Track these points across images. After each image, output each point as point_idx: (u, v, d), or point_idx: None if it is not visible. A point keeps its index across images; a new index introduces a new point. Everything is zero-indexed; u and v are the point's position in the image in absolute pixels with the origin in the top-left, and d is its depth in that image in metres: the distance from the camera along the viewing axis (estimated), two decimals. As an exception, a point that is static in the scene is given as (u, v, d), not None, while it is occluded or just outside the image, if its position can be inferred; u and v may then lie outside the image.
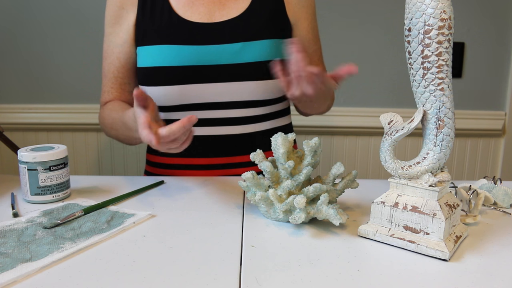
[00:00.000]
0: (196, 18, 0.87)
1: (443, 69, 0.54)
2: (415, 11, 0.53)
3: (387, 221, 0.59)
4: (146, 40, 0.88)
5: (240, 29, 0.87)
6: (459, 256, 0.56)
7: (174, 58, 0.85)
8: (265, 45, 0.87)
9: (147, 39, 0.87)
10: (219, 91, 0.87)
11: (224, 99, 0.88)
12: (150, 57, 0.86)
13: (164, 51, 0.85)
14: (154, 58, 0.86)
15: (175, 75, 0.85)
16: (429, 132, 0.57)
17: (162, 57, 0.85)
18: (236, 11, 0.88)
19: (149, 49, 0.87)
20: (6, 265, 0.51)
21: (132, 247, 0.57)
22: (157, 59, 0.86)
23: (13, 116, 1.58)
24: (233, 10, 0.89)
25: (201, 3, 0.88)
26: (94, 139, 1.63)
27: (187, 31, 0.86)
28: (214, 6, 0.89)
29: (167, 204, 0.72)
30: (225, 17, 0.88)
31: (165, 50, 0.85)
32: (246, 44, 0.85)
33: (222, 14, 0.88)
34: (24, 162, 0.71)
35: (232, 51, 0.85)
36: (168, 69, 0.85)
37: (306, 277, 0.50)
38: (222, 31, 0.86)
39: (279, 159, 0.65)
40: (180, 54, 0.85)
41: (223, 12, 0.88)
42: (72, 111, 1.59)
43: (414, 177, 0.58)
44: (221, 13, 0.88)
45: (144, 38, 0.88)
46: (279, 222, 0.66)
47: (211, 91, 0.87)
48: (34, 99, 1.59)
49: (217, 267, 0.52)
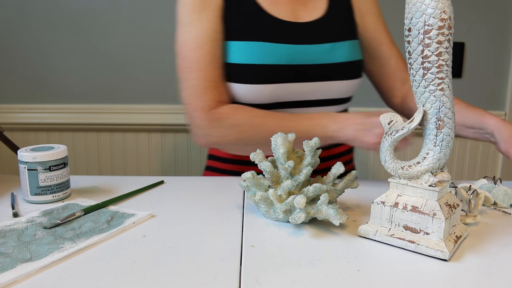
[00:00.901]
0: (283, 16, 0.87)
1: (443, 69, 0.54)
2: (415, 11, 0.53)
3: (387, 221, 0.59)
4: (236, 35, 0.84)
5: (327, 30, 0.88)
6: (459, 256, 0.56)
7: (268, 56, 0.83)
8: (349, 45, 0.90)
9: (238, 34, 0.84)
10: (309, 90, 0.88)
11: (313, 97, 0.89)
12: (242, 53, 0.84)
13: (258, 48, 0.83)
14: (247, 55, 0.83)
15: (270, 74, 0.84)
16: (429, 132, 0.57)
17: (256, 55, 0.83)
18: (317, 12, 0.90)
19: (241, 45, 0.84)
20: (6, 265, 0.51)
21: (132, 247, 0.57)
22: (250, 56, 0.83)
23: (13, 116, 1.58)
24: (315, 10, 0.90)
25: (285, 1, 0.88)
26: (94, 139, 1.63)
27: (278, 29, 0.85)
28: (297, 5, 0.89)
29: (167, 204, 0.72)
30: (309, 17, 0.89)
31: (259, 47, 0.83)
32: (334, 44, 0.88)
33: (306, 14, 0.89)
34: (24, 162, 0.71)
35: (322, 51, 0.87)
36: (262, 67, 0.83)
37: (306, 277, 0.50)
38: (312, 31, 0.87)
39: (279, 159, 0.65)
40: (274, 53, 0.84)
41: (306, 12, 0.89)
42: (72, 111, 1.59)
43: (414, 177, 0.58)
44: (305, 13, 0.89)
45: (234, 33, 0.84)
46: (279, 222, 0.66)
47: (303, 90, 0.87)
48: (34, 99, 1.59)
49: (217, 267, 0.52)
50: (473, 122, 0.83)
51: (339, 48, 0.88)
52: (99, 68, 1.57)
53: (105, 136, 1.63)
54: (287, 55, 0.85)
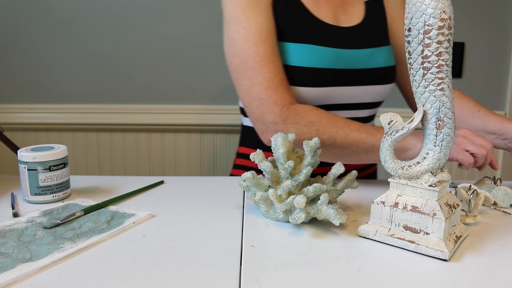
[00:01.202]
0: (327, 20, 0.87)
1: (443, 69, 0.54)
2: (415, 11, 0.53)
3: (387, 221, 0.59)
4: (285, 36, 0.84)
5: (367, 35, 0.89)
6: (459, 256, 0.56)
7: (316, 60, 0.84)
8: (386, 51, 0.91)
9: (286, 35, 0.84)
10: (351, 94, 0.89)
11: (353, 101, 0.90)
12: (291, 55, 0.83)
13: (307, 51, 0.83)
14: (295, 57, 0.83)
15: (321, 77, 0.84)
16: (429, 132, 0.57)
17: (305, 57, 0.83)
18: (356, 17, 0.90)
19: (290, 46, 0.83)
20: (6, 265, 0.51)
21: (132, 247, 0.57)
22: (298, 58, 0.83)
23: (13, 116, 1.58)
24: (354, 15, 0.90)
25: (327, 5, 0.88)
26: (94, 139, 1.63)
27: (325, 33, 0.86)
28: (338, 9, 0.89)
29: (167, 204, 0.72)
30: (349, 22, 0.89)
31: (307, 50, 0.83)
32: (373, 50, 0.89)
33: (346, 19, 0.90)
34: (24, 162, 0.71)
35: (363, 56, 0.88)
36: (315, 70, 0.84)
37: (306, 277, 0.50)
38: (353, 36, 0.88)
39: (279, 159, 0.65)
40: (322, 56, 0.84)
41: (346, 16, 0.90)
42: (72, 111, 1.59)
43: (414, 177, 0.58)
44: (345, 18, 0.89)
45: (283, 33, 0.84)
46: (279, 222, 0.66)
47: (345, 94, 0.88)
48: (34, 99, 1.59)
49: (217, 267, 0.52)
50: (495, 128, 0.86)
51: (378, 53, 0.89)
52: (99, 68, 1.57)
53: (105, 136, 1.63)
54: (333, 59, 0.85)
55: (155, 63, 1.58)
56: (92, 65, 1.56)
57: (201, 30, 1.55)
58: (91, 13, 1.52)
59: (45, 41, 1.54)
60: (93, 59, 1.56)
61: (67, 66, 1.56)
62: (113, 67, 1.57)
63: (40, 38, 1.54)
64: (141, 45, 1.56)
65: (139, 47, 1.56)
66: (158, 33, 1.55)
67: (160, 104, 1.60)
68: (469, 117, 0.91)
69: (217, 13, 1.54)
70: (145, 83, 1.59)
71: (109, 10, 1.53)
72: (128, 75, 1.59)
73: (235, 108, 1.60)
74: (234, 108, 1.60)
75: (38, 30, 1.53)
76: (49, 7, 1.52)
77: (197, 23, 1.55)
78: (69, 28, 1.53)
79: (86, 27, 1.53)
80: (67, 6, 1.52)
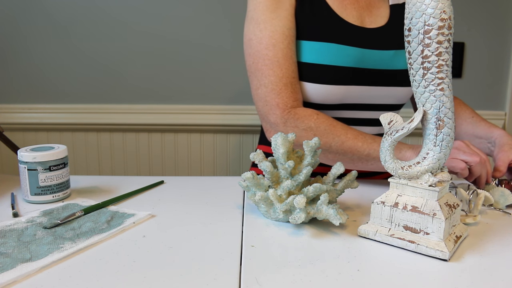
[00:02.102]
0: (352, 21, 0.89)
1: (443, 69, 0.54)
2: (415, 11, 0.53)
3: (387, 221, 0.59)
4: (310, 35, 0.85)
5: (390, 37, 0.90)
6: (459, 256, 0.56)
7: (341, 58, 0.85)
8: None
9: (311, 34, 0.85)
10: (373, 94, 0.90)
11: (375, 101, 0.92)
12: (315, 53, 0.85)
13: (330, 49, 0.85)
14: (320, 55, 0.85)
15: (341, 76, 0.86)
16: (429, 132, 0.57)
17: (328, 55, 0.85)
18: (381, 19, 0.92)
19: (315, 45, 0.85)
20: (6, 265, 0.51)
21: (132, 247, 0.57)
22: (322, 56, 0.85)
23: (13, 116, 1.58)
24: (379, 17, 0.92)
25: (353, 7, 0.90)
26: (94, 139, 1.63)
27: (349, 33, 0.87)
28: (364, 11, 0.91)
29: (167, 204, 0.72)
30: (374, 24, 0.91)
31: (331, 48, 0.85)
32: (396, 52, 0.90)
33: (371, 20, 0.91)
34: (24, 162, 0.71)
35: (387, 57, 0.89)
36: (335, 68, 0.85)
37: (306, 277, 0.50)
38: (377, 37, 0.89)
39: (279, 159, 0.65)
40: (345, 54, 0.86)
41: (371, 18, 0.91)
42: (72, 111, 1.59)
43: (414, 177, 0.58)
44: (370, 19, 0.91)
45: (307, 32, 0.86)
46: (279, 222, 0.66)
47: (368, 94, 0.90)
48: (34, 99, 1.59)
49: (217, 267, 0.52)
50: (482, 133, 0.92)
51: (400, 55, 0.90)
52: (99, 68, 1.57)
53: (105, 136, 1.63)
54: (356, 58, 0.86)
55: (155, 63, 1.58)
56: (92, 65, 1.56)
57: (201, 31, 1.55)
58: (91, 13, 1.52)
59: (45, 41, 1.54)
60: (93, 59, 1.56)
61: (67, 66, 1.56)
62: (113, 67, 1.57)
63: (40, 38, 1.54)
64: (141, 45, 1.56)
65: (139, 47, 1.56)
66: (158, 33, 1.55)
67: (160, 104, 1.60)
68: (463, 122, 0.96)
69: (217, 13, 1.54)
70: (145, 83, 1.59)
71: (109, 10, 1.53)
72: (128, 75, 1.59)
73: (235, 108, 1.60)
74: (234, 108, 1.60)
75: (38, 30, 1.53)
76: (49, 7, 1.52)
77: (197, 24, 1.55)
78: (69, 28, 1.53)
79: (86, 27, 1.53)
80: (67, 6, 1.52)
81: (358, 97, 0.90)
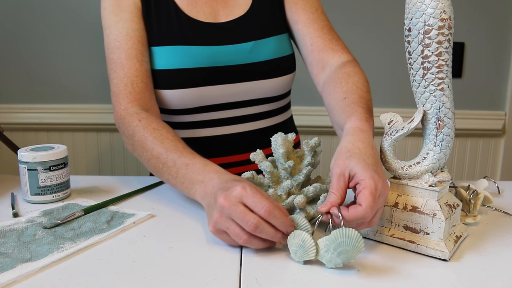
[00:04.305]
0: (203, 18, 0.86)
1: (443, 69, 0.54)
2: (415, 11, 0.53)
3: (387, 221, 0.59)
4: (158, 40, 0.84)
5: (249, 28, 0.87)
6: (459, 256, 0.56)
7: (189, 60, 0.83)
8: (274, 42, 0.87)
9: (159, 39, 0.84)
10: (235, 91, 0.87)
11: (240, 98, 0.88)
12: (165, 58, 0.83)
13: (179, 52, 0.83)
14: (168, 60, 0.83)
15: (192, 78, 0.83)
16: (429, 132, 0.57)
17: (177, 59, 0.83)
18: (239, 10, 0.88)
19: (163, 50, 0.83)
20: (6, 265, 0.51)
21: (132, 247, 0.57)
22: (171, 61, 0.83)
23: (13, 116, 1.58)
24: (236, 8, 0.88)
25: (203, 2, 0.87)
26: (94, 139, 1.63)
27: (198, 32, 0.85)
28: (217, 4, 0.87)
29: (167, 204, 0.72)
30: (230, 16, 0.87)
31: (179, 51, 0.83)
32: (256, 42, 0.86)
33: (227, 13, 0.87)
34: (24, 162, 0.71)
35: (244, 50, 0.85)
36: (184, 71, 0.83)
37: (306, 277, 0.50)
38: (232, 31, 0.86)
39: (279, 159, 0.65)
40: (195, 56, 0.83)
41: (226, 10, 0.87)
42: (72, 111, 1.59)
43: (414, 177, 0.58)
44: (225, 12, 0.87)
45: (156, 37, 0.84)
46: (279, 222, 0.65)
47: (228, 92, 0.86)
48: (34, 99, 1.59)
49: (217, 267, 0.52)
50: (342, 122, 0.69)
51: (262, 46, 0.86)
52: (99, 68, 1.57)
53: (105, 136, 1.63)
54: (207, 57, 0.84)
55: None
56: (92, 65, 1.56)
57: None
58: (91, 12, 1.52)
59: (45, 40, 1.54)
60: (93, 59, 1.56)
61: (67, 66, 1.56)
62: (113, 67, 1.57)
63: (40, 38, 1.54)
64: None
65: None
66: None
67: (160, 104, 1.60)
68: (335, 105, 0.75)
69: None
70: (145, 83, 1.59)
71: (109, 10, 1.53)
72: (128, 75, 1.58)
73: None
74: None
75: (38, 29, 1.53)
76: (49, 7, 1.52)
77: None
78: (70, 29, 1.53)
79: (86, 26, 1.53)
80: (67, 5, 1.52)
81: (216, 97, 0.86)
